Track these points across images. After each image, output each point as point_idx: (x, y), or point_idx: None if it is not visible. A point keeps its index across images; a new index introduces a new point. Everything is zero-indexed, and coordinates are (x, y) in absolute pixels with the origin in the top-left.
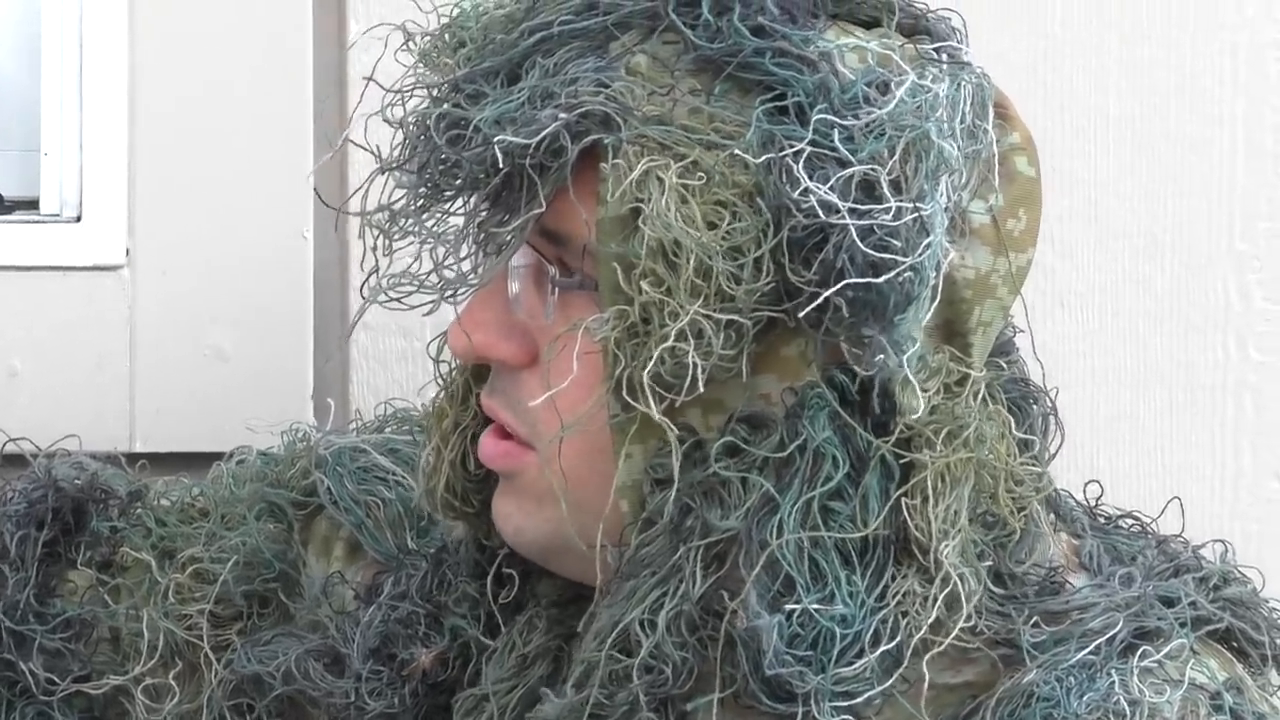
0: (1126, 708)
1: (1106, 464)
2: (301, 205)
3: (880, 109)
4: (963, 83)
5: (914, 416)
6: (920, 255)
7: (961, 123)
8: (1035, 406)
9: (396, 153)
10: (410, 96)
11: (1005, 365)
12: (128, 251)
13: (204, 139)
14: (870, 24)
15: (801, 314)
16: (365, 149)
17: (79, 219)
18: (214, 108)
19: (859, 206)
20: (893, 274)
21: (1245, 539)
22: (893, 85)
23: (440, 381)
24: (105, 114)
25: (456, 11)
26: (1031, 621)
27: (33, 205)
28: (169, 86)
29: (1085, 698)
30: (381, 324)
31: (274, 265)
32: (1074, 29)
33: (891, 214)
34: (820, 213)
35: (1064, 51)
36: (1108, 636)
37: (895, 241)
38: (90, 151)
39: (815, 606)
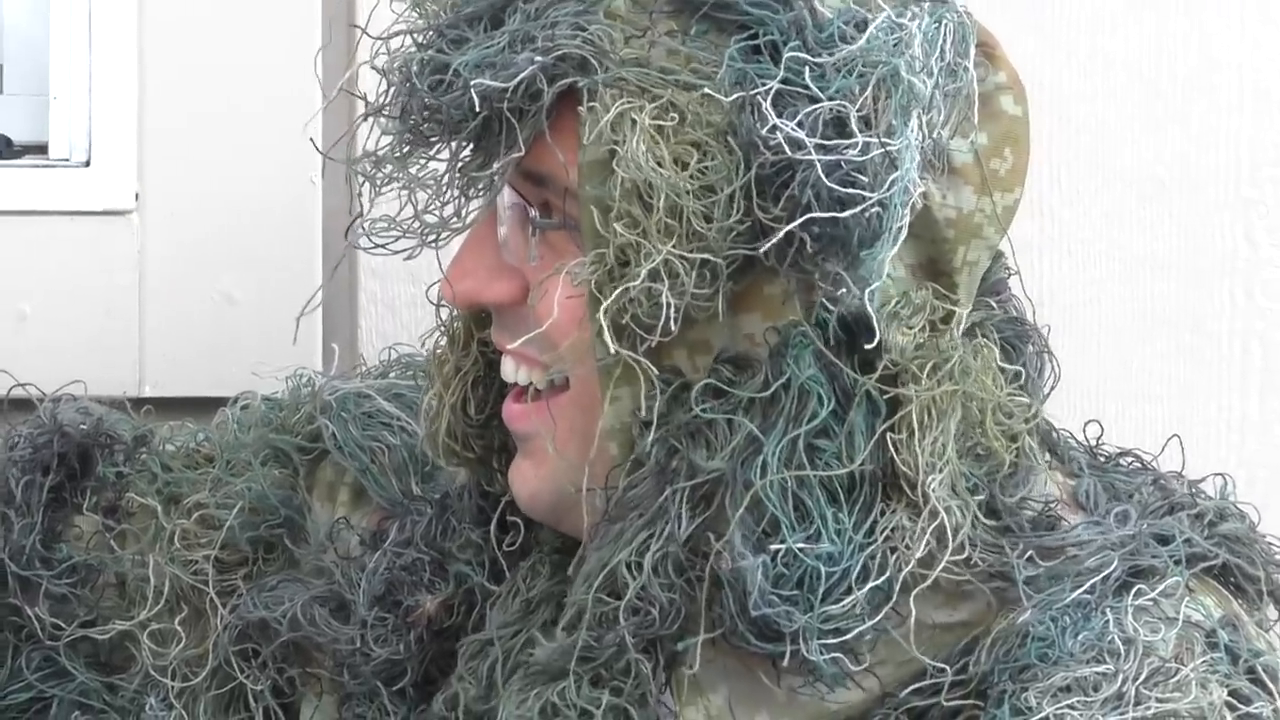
0: (1121, 646)
1: (1112, 408)
2: (310, 151)
3: (853, 46)
4: (944, 21)
5: (898, 352)
6: (887, 191)
7: (940, 60)
8: (1029, 345)
9: (382, 99)
10: (399, 43)
11: (995, 304)
12: (137, 196)
13: (213, 84)
14: None
15: (762, 249)
16: (357, 97)
17: (88, 163)
18: (223, 52)
19: (826, 143)
20: (858, 209)
21: (1250, 484)
22: (869, 22)
23: (442, 327)
24: (114, 58)
25: None
26: (1026, 555)
27: (42, 150)
28: (178, 31)
29: (1080, 637)
30: (390, 270)
31: (283, 211)
32: None
33: (859, 149)
34: (787, 149)
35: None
36: (1103, 575)
37: (862, 177)
38: (99, 95)
39: (800, 545)
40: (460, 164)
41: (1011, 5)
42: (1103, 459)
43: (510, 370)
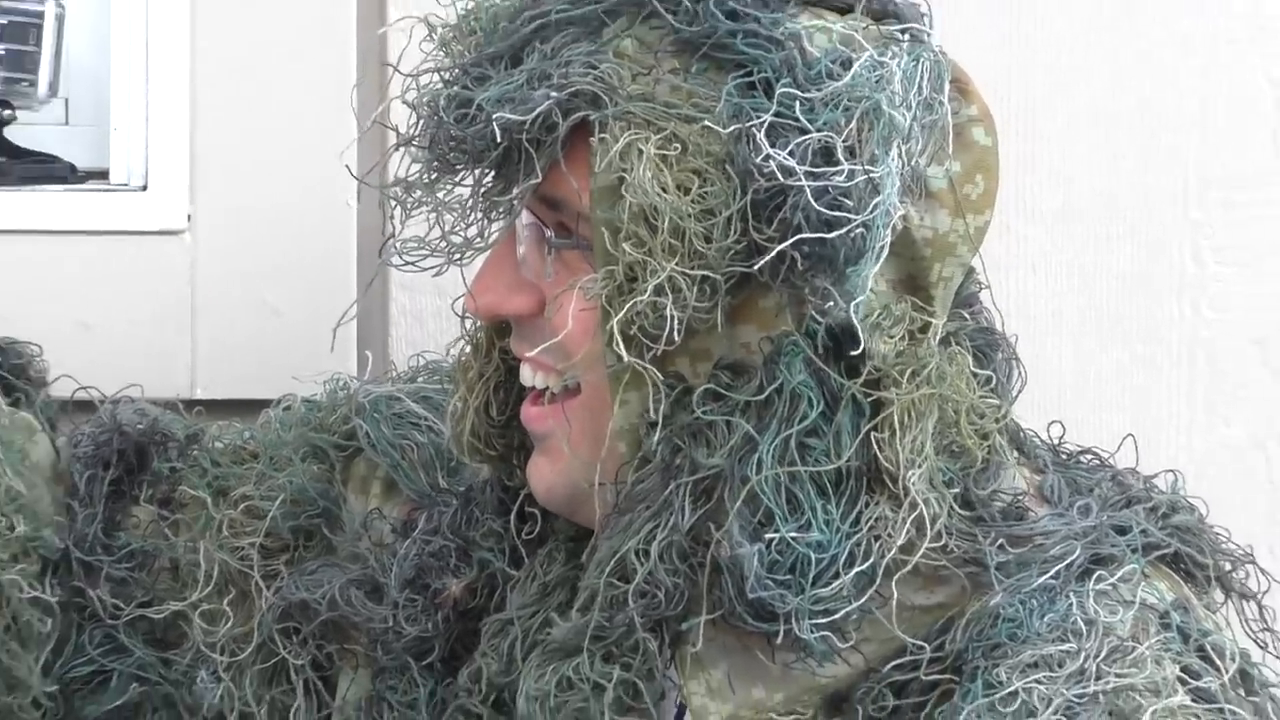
0: (1083, 626)
1: (1072, 412)
2: (346, 177)
3: (839, 83)
4: (921, 60)
5: (880, 359)
6: (871, 213)
7: (918, 95)
8: (999, 353)
9: (412, 131)
10: (428, 80)
11: (969, 316)
12: (189, 217)
13: (258, 115)
14: (845, 10)
15: (756, 266)
16: (389, 128)
17: (145, 188)
18: (267, 87)
19: (815, 170)
20: (844, 230)
21: (1198, 479)
22: (853, 61)
23: (466, 336)
24: (169, 93)
25: (470, 4)
26: (997, 543)
27: (103, 175)
28: (227, 68)
29: (1046, 618)
30: (418, 284)
31: (321, 230)
32: (1044, 18)
33: (845, 176)
34: (779, 176)
35: (1035, 35)
36: (1066, 562)
37: (848, 201)
38: (155, 126)
39: (792, 535)
40: (483, 189)
41: (981, 41)
42: (1065, 456)
43: (528, 376)
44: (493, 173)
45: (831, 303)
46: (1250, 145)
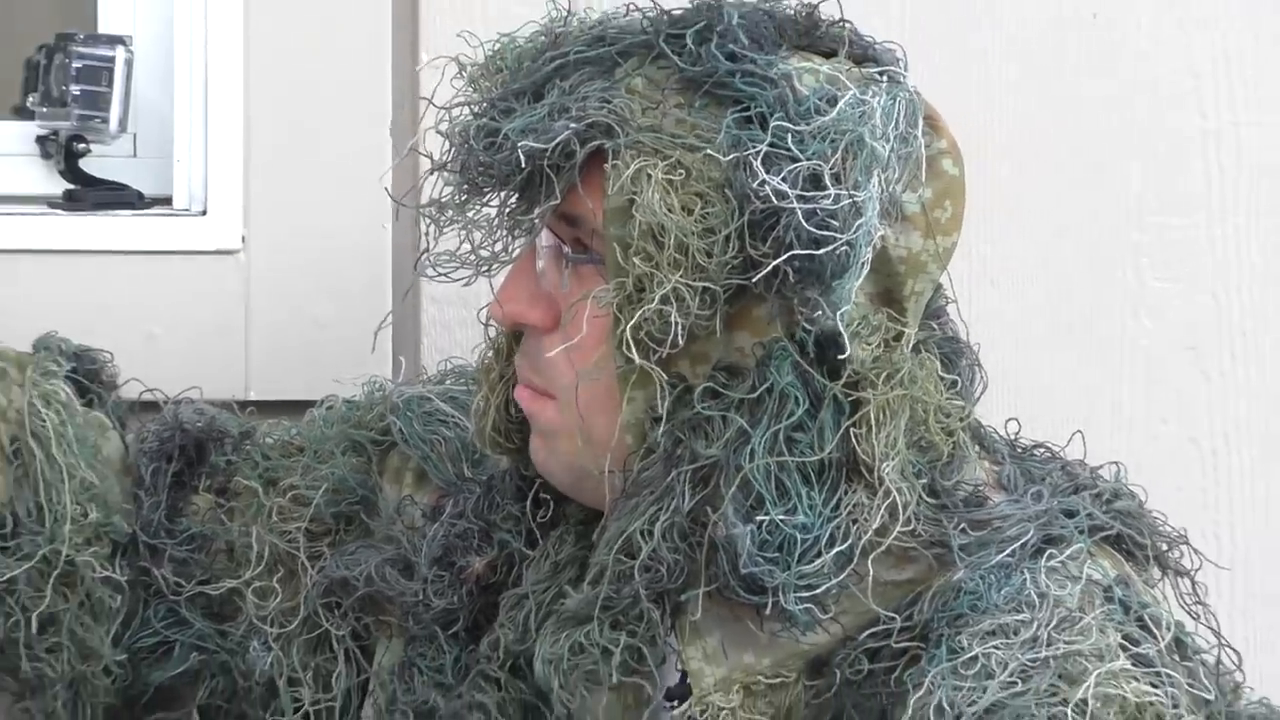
0: (1036, 599)
1: (1027, 410)
2: (383, 201)
3: (826, 117)
4: (898, 98)
5: (859, 363)
6: (854, 233)
7: (895, 129)
8: (963, 360)
9: (445, 157)
10: (459, 113)
11: (937, 326)
12: (243, 239)
13: (305, 147)
14: (830, 54)
15: (752, 279)
16: (424, 155)
17: (204, 213)
18: (313, 121)
19: (805, 194)
20: (830, 248)
21: (1137, 470)
22: (839, 99)
23: (489, 342)
24: (225, 128)
25: (498, 45)
26: (960, 527)
27: (167, 202)
28: (277, 105)
29: (1003, 591)
30: (447, 297)
31: (360, 250)
32: (1004, 55)
33: (831, 200)
34: (773, 199)
35: (997, 75)
36: (1021, 542)
37: (834, 222)
38: (213, 158)
39: (781, 517)
40: (508, 210)
41: (949, 82)
42: (1021, 450)
43: (524, 375)
44: (517, 195)
45: (819, 312)
46: (1184, 176)
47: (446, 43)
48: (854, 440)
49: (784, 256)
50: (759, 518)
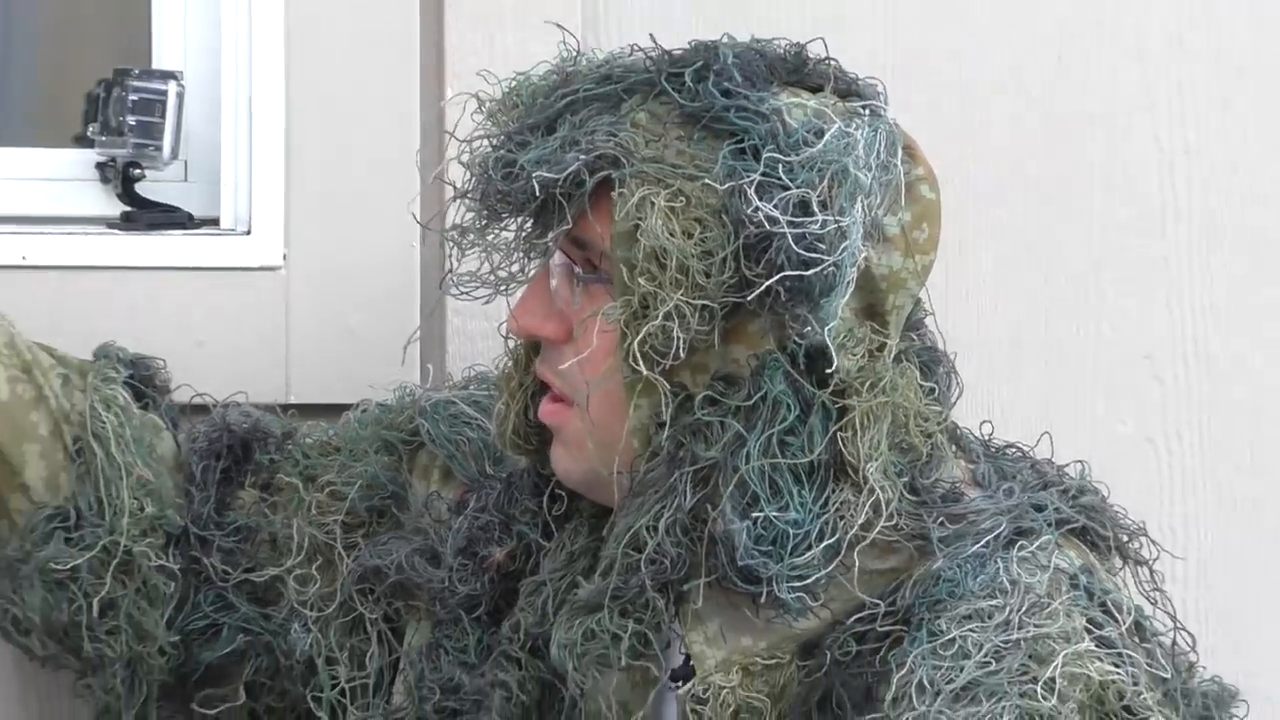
0: (1008, 586)
1: (999, 412)
2: (411, 224)
3: (813, 149)
4: (879, 129)
5: (845, 373)
6: (840, 254)
7: (877, 158)
8: (940, 368)
9: (467, 186)
10: (479, 145)
11: (916, 337)
12: (284, 257)
13: (341, 174)
14: (817, 89)
15: (747, 298)
16: (448, 184)
17: (249, 233)
18: (348, 151)
19: (795, 220)
20: (818, 269)
21: (1100, 468)
22: (825, 131)
23: (508, 353)
24: (268, 155)
25: (514, 83)
26: (939, 520)
27: (215, 223)
28: (315, 135)
29: (978, 579)
30: (470, 311)
31: (391, 267)
32: (975, 88)
33: (819, 225)
34: (766, 224)
35: (969, 107)
36: (994, 534)
37: (821, 245)
38: (257, 182)
39: (774, 514)
40: (524, 234)
41: (927, 115)
42: (994, 449)
43: (547, 414)
44: (532, 220)
45: (808, 327)
46: (1142, 198)
47: (468, 81)
48: (841, 443)
49: (776, 277)
50: (754, 514)
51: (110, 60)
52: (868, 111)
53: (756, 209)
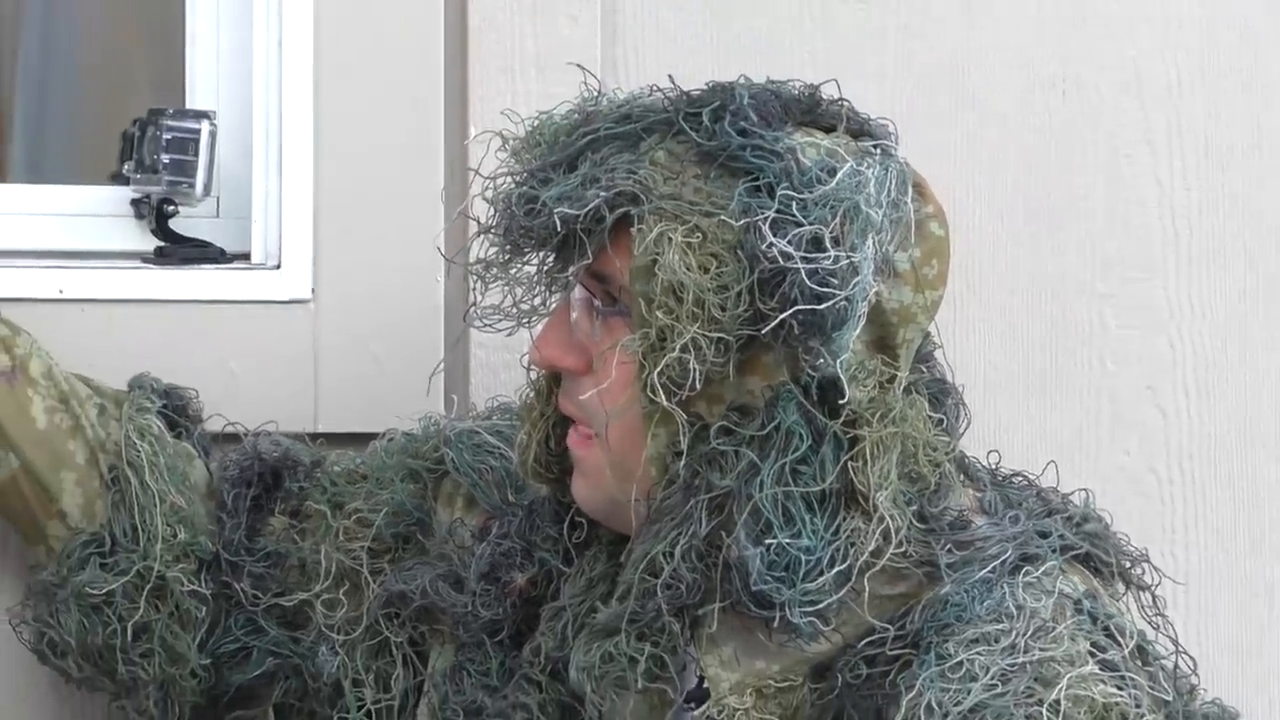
0: (1014, 610)
1: (1005, 442)
2: (436, 259)
3: (826, 186)
4: (890, 168)
5: (856, 404)
6: (852, 289)
7: (888, 196)
8: (949, 399)
9: (490, 222)
10: (502, 182)
11: (926, 369)
12: (313, 290)
13: (368, 210)
14: (829, 129)
15: (761, 331)
16: (472, 219)
17: (279, 267)
18: (374, 187)
19: (808, 255)
20: (831, 303)
21: (1104, 496)
22: (837, 170)
23: (530, 384)
24: (297, 192)
25: (537, 122)
26: (946, 547)
27: (246, 257)
28: (343, 173)
29: (985, 603)
30: (493, 343)
31: (416, 301)
32: (983, 129)
33: (831, 260)
34: (780, 260)
35: (977, 147)
36: (1001, 560)
37: (834, 280)
38: (287, 219)
39: (787, 541)
40: (546, 268)
41: (934, 153)
42: (1000, 478)
43: (576, 443)
44: (553, 255)
45: (821, 360)
46: (1143, 234)
47: (492, 119)
48: (852, 472)
49: (789, 310)
50: (768, 541)
51: (146, 100)
52: (879, 151)
53: (771, 245)
